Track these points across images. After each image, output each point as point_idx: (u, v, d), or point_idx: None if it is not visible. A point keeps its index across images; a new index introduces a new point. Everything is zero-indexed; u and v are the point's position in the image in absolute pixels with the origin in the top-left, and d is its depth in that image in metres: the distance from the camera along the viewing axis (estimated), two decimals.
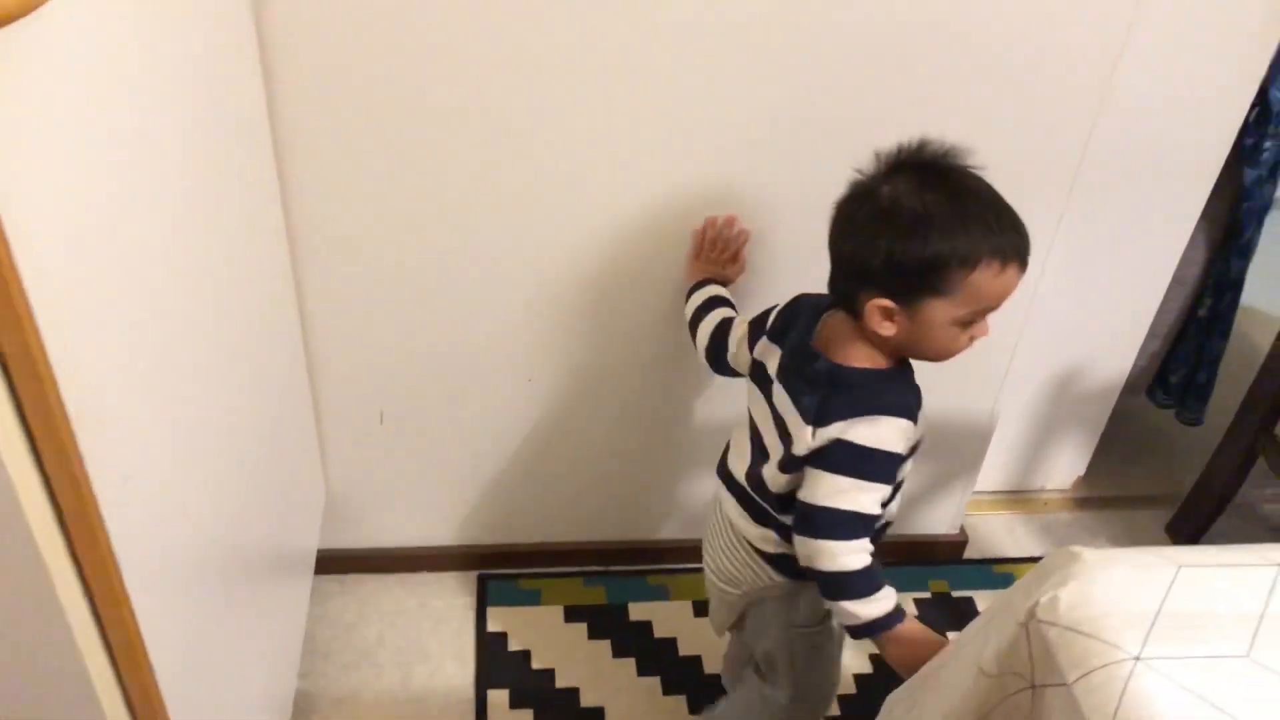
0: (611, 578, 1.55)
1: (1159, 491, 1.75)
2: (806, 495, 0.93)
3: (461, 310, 1.28)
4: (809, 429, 0.92)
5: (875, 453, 0.91)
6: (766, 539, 1.03)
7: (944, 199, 0.87)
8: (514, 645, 1.44)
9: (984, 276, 0.87)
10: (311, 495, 1.37)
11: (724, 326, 1.11)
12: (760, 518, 1.03)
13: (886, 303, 0.89)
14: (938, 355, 0.94)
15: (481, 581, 1.53)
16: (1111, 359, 1.62)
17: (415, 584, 1.52)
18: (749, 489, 1.03)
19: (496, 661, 1.41)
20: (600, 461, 1.45)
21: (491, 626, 1.46)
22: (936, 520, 1.61)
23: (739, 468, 1.05)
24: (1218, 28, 1.29)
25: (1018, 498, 1.75)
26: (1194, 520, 1.64)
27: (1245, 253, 1.55)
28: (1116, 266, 1.50)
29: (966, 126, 1.15)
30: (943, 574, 1.60)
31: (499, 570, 1.53)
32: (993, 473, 1.70)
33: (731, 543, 1.08)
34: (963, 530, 1.64)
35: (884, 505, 0.95)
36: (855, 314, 0.93)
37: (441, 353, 1.32)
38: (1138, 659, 0.63)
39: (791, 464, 0.96)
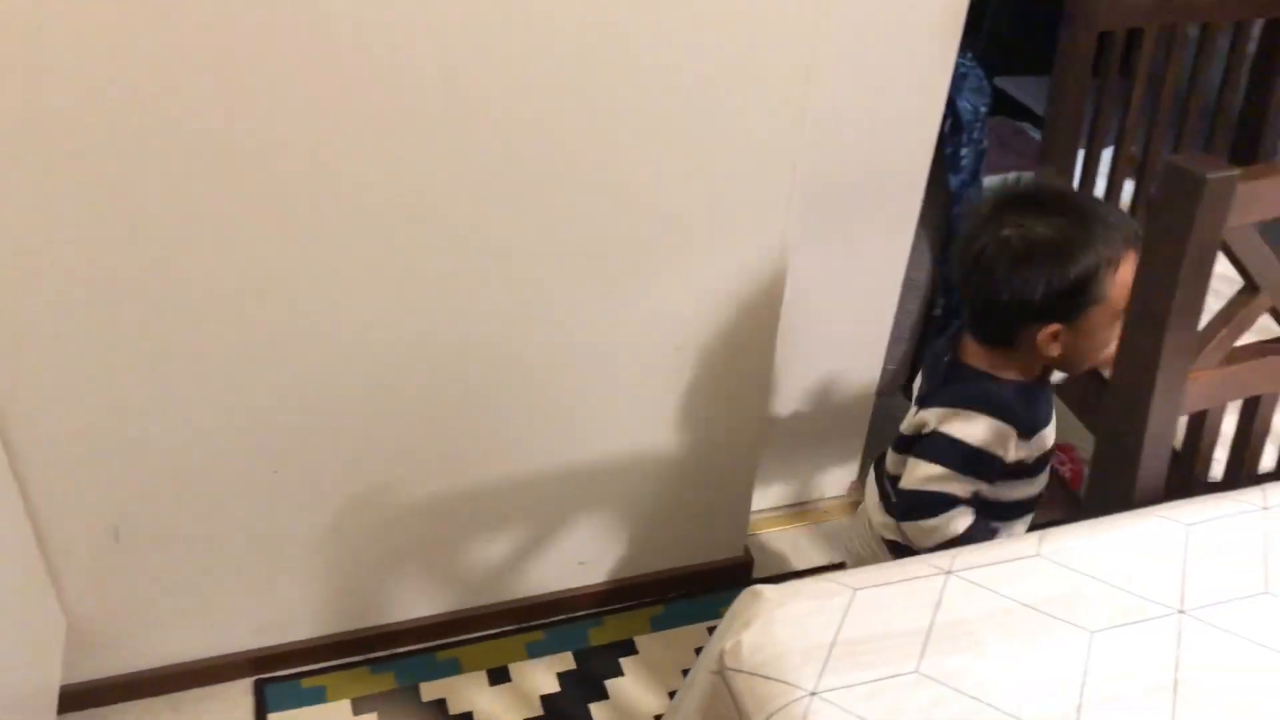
0: (399, 660, 1.49)
1: None
2: (902, 481, 1.03)
3: (192, 405, 1.21)
4: (914, 408, 1.05)
5: (965, 446, 0.98)
6: (887, 525, 1.11)
7: (1066, 219, 0.96)
8: None
9: (1126, 268, 0.94)
10: (45, 628, 1.26)
11: None
12: (886, 503, 1.12)
13: (1055, 328, 0.96)
14: (1100, 357, 1.00)
15: (259, 688, 1.44)
16: (863, 365, 1.69)
17: (186, 703, 1.42)
18: (877, 475, 1.15)
19: None
20: (366, 543, 1.40)
21: None
22: (719, 546, 1.63)
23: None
24: (899, 47, 1.37)
25: (798, 510, 1.79)
26: None
27: None
28: (850, 279, 1.57)
29: (679, 167, 1.18)
30: (733, 599, 1.62)
31: (277, 673, 1.46)
32: (771, 490, 1.74)
33: (864, 527, 1.18)
34: (747, 551, 1.67)
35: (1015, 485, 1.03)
36: (1009, 344, 1.00)
37: (174, 454, 1.24)
38: (813, 694, 0.65)
39: (900, 443, 1.07)
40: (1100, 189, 1.52)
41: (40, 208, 1.04)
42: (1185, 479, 0.90)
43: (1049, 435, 1.05)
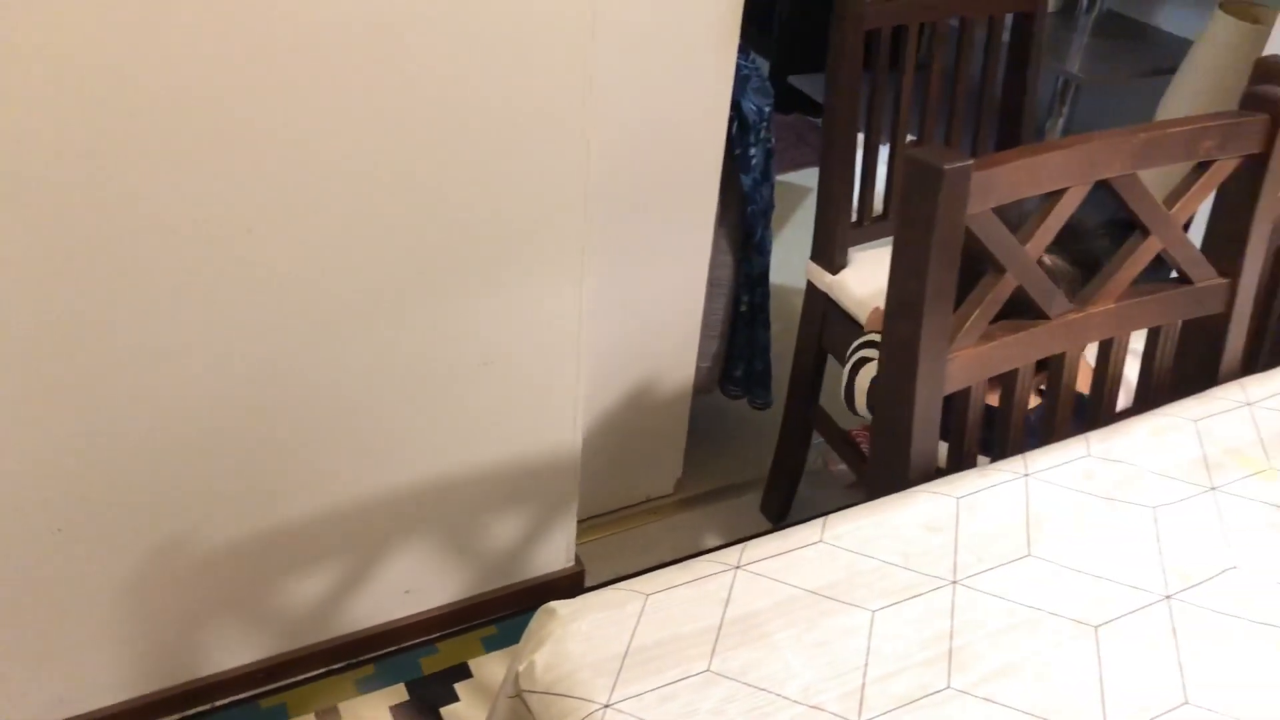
0: (220, 713, 1.42)
1: (749, 476, 1.88)
2: None
3: None
4: None
5: None
6: None
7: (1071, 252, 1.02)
8: None
9: None
10: None
11: None
12: None
13: None
14: None
15: None
16: (677, 365, 1.71)
17: None
18: None
19: None
20: (172, 596, 1.32)
21: None
22: (549, 559, 1.62)
23: None
24: (679, 54, 1.40)
25: (626, 514, 1.80)
26: (779, 496, 1.78)
27: (762, 250, 1.70)
28: (656, 280, 1.59)
29: (469, 185, 1.16)
30: None
31: None
32: (596, 497, 1.75)
33: None
34: (578, 560, 1.67)
35: None
36: None
37: None
38: (607, 706, 0.65)
39: None
40: (880, 179, 1.59)
41: None
42: (958, 458, 0.95)
43: None
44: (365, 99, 1.10)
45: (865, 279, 1.54)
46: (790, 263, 2.10)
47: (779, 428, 1.76)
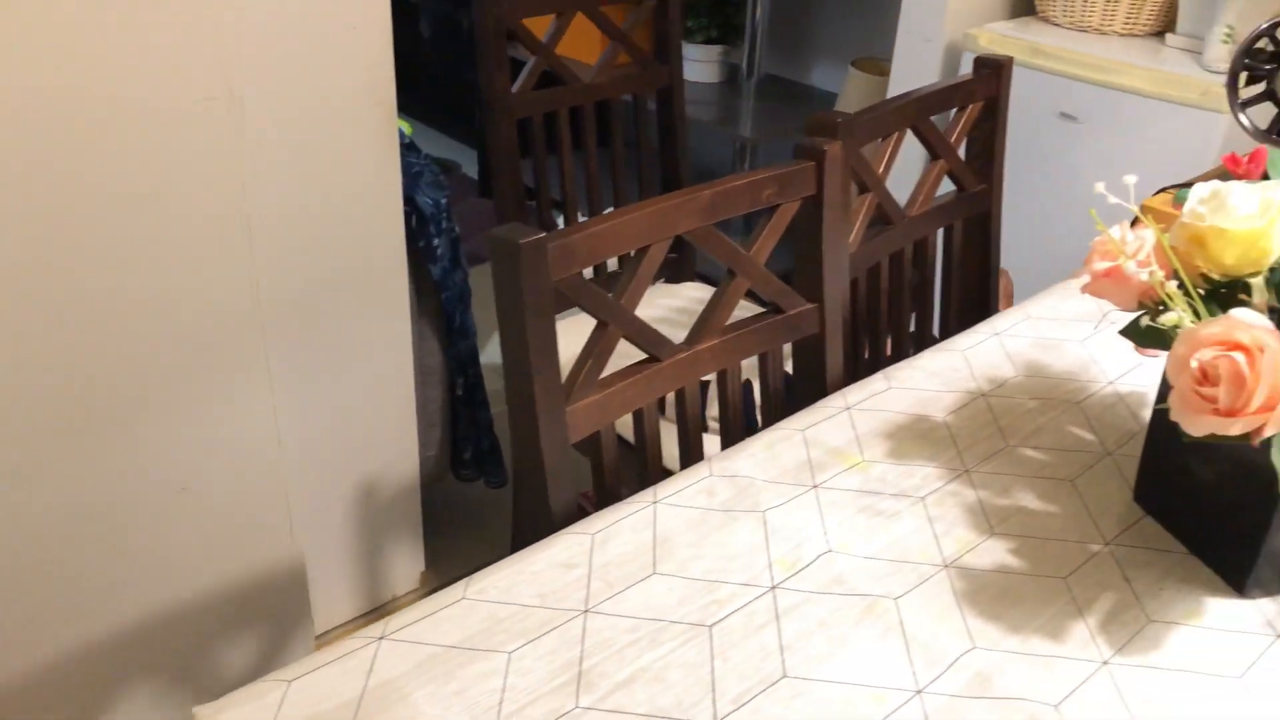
0: None
1: (496, 556, 1.90)
2: None
3: None
4: None
5: None
6: None
7: None
8: None
9: None
10: None
11: None
12: None
13: None
14: None
15: None
16: (399, 457, 1.74)
17: None
18: None
19: None
20: None
21: None
22: None
23: None
24: (341, 160, 1.46)
25: (373, 617, 1.80)
26: None
27: (465, 334, 1.76)
28: (361, 377, 1.62)
29: (142, 303, 1.15)
30: None
31: None
32: (337, 606, 1.74)
33: None
34: None
35: None
36: None
37: None
38: None
39: None
40: None
41: None
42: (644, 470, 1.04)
43: None
44: (34, 217, 1.09)
45: (569, 344, 1.63)
46: None
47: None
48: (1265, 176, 0.94)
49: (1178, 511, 0.93)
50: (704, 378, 1.06)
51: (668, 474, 0.99)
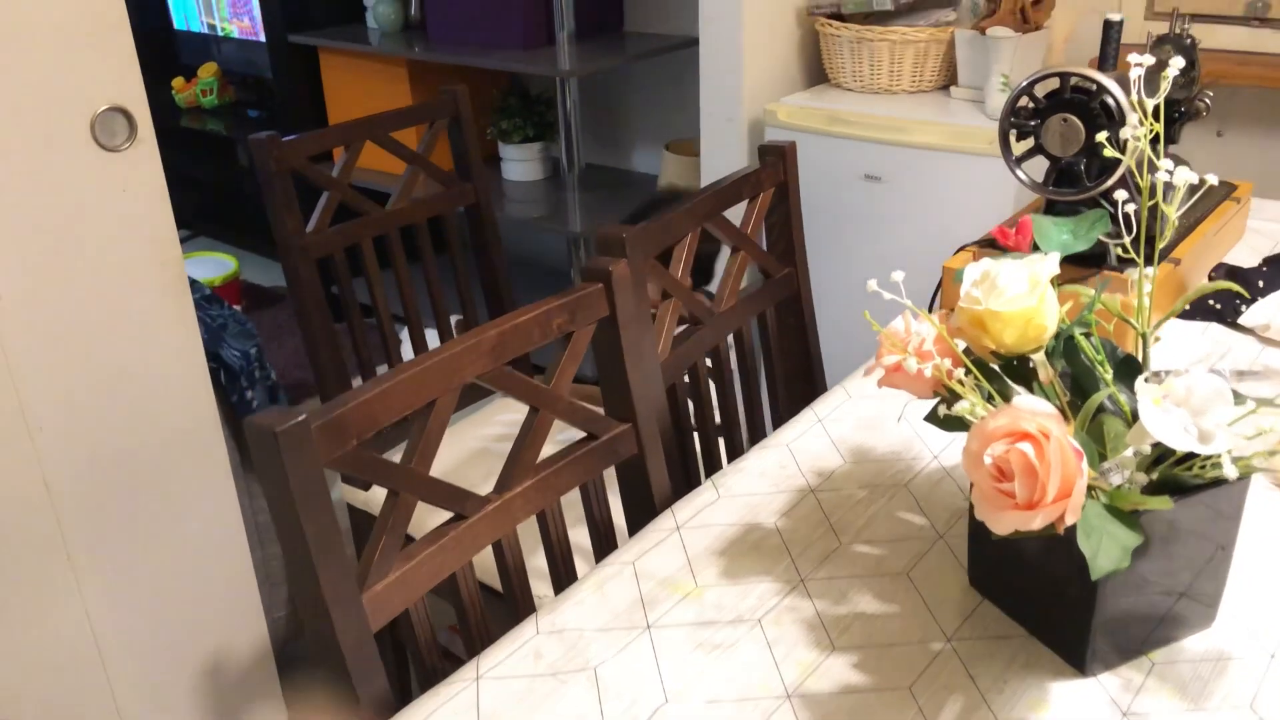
0: None
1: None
2: None
3: None
4: None
5: None
6: None
7: None
8: None
9: None
10: None
11: None
12: None
13: None
14: None
15: None
16: (246, 624, 1.62)
17: None
18: None
19: None
20: None
21: None
22: None
23: None
24: (128, 318, 1.36)
25: None
26: None
27: None
28: (189, 547, 1.51)
29: None
30: None
31: None
32: None
33: None
34: None
35: None
36: None
37: None
38: None
39: None
40: None
41: None
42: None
43: None
44: None
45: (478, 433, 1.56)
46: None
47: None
48: (1035, 247, 0.94)
49: (1012, 591, 0.91)
50: (520, 524, 1.00)
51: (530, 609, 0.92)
